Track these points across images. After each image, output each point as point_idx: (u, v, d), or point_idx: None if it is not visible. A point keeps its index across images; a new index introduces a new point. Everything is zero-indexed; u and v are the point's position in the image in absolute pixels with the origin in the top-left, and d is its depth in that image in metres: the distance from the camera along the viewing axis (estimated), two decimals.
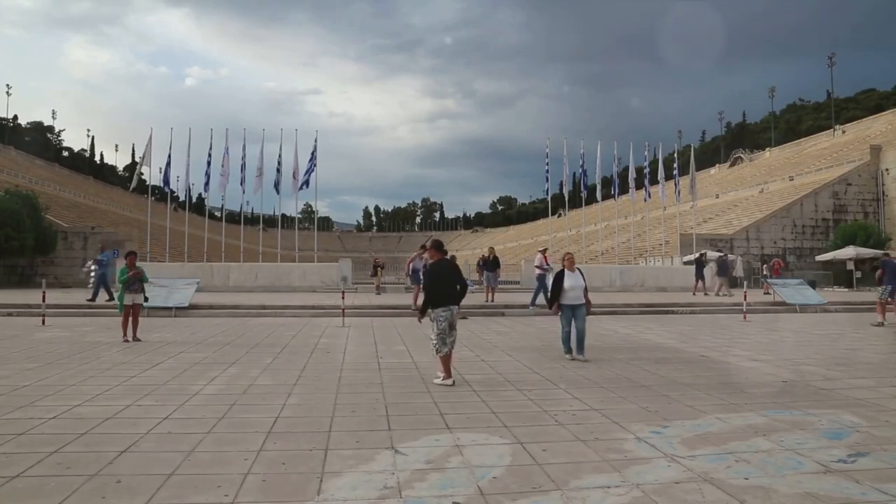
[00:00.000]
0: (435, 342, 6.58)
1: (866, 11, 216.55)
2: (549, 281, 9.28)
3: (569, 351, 8.43)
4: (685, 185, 34.09)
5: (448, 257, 7.24)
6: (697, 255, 25.23)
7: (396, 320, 14.33)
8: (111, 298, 17.19)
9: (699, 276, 22.99)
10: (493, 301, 17.84)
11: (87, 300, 16.98)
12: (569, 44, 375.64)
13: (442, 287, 6.65)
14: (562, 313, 8.44)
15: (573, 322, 8.37)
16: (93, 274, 18.14)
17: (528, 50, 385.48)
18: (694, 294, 22.01)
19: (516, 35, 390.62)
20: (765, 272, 27.45)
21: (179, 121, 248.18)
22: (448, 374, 6.63)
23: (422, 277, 18.62)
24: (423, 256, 27.43)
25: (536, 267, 17.27)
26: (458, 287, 6.83)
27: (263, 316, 15.26)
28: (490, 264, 18.70)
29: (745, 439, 4.56)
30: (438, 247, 6.98)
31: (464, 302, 7.10)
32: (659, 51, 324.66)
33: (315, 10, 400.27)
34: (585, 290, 8.46)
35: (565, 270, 8.49)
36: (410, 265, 17.23)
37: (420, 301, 7.27)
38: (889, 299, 13.79)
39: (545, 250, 18.10)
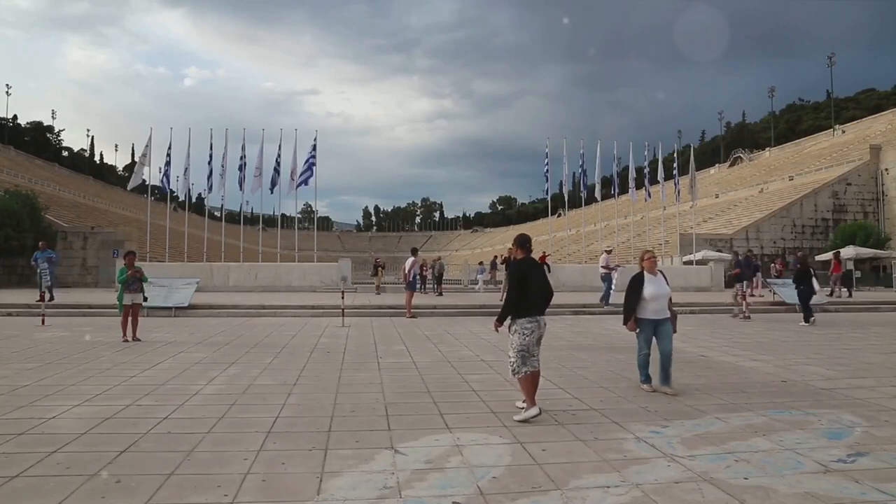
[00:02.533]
0: (513, 359, 5.22)
1: (866, 11, 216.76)
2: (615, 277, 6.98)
3: (647, 379, 6.37)
4: (685, 185, 34.10)
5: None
6: (745, 254, 24.89)
7: (396, 320, 14.34)
8: (42, 299, 16.09)
9: (752, 275, 22.43)
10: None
11: (49, 301, 16.00)
12: (566, 44, 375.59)
13: (530, 291, 5.30)
14: (640, 330, 6.38)
15: (655, 342, 6.35)
16: (48, 274, 16.97)
17: (525, 50, 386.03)
18: (752, 295, 21.58)
19: (513, 35, 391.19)
20: (772, 273, 27.41)
21: (178, 121, 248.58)
22: (532, 402, 5.18)
23: (417, 283, 18.41)
24: (428, 260, 26.87)
25: (602, 267, 17.15)
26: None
27: (263, 316, 15.26)
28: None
29: (745, 439, 4.57)
30: (524, 243, 5.56)
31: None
32: (658, 50, 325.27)
33: (312, 11, 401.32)
34: (670, 299, 6.49)
35: (645, 274, 6.38)
36: (412, 272, 16.27)
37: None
38: (747, 292, 15.80)
39: (610, 250, 17.99)
